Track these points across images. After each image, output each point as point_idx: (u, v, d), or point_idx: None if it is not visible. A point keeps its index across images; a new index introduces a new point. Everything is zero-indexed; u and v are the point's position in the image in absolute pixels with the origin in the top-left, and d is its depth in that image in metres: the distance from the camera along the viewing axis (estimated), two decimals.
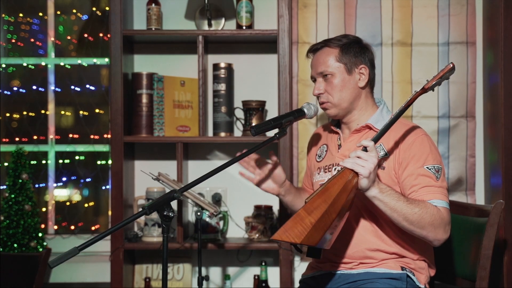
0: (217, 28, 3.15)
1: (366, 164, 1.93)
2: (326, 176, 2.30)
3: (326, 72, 2.25)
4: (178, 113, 3.04)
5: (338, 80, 2.24)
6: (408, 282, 2.15)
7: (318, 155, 2.41)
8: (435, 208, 2.05)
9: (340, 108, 2.26)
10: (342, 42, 2.27)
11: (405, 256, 2.20)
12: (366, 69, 2.26)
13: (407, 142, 2.15)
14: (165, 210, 1.84)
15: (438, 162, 2.14)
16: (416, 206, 2.01)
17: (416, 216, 2.00)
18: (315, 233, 1.89)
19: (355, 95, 2.26)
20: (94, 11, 3.37)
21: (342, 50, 2.25)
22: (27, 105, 3.40)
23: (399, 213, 2.00)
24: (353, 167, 1.94)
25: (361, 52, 2.28)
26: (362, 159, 1.93)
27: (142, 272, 3.14)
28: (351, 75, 2.25)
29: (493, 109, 2.94)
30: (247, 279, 3.18)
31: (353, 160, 1.95)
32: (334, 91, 2.24)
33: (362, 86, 2.26)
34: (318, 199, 1.93)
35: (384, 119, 2.25)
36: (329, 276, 2.25)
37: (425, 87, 2.05)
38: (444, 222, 2.06)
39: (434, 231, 2.04)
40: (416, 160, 2.11)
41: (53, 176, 3.36)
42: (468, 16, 3.07)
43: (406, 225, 2.02)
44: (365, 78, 2.26)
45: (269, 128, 2.21)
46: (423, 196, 2.08)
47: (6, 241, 3.01)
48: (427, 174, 2.10)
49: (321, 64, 2.26)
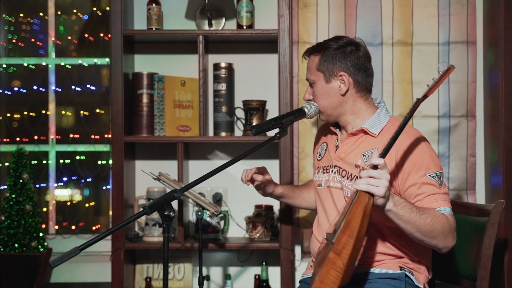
0: (218, 28, 3.15)
1: (380, 183, 1.86)
2: (324, 177, 2.29)
3: (309, 80, 2.28)
4: (179, 113, 3.04)
5: (318, 88, 2.24)
6: (407, 282, 2.15)
7: (318, 153, 2.41)
8: (444, 216, 2.03)
9: (326, 115, 2.26)
10: (326, 49, 2.23)
11: (404, 257, 2.20)
12: (346, 76, 2.20)
13: (405, 150, 2.11)
14: (165, 210, 1.84)
15: (439, 167, 2.12)
16: (428, 216, 1.99)
17: (429, 227, 1.98)
18: (348, 271, 1.84)
19: (338, 102, 2.22)
20: (95, 11, 3.37)
21: (321, 58, 2.22)
22: (28, 105, 3.40)
23: (412, 225, 1.97)
24: (368, 189, 1.86)
25: (342, 59, 2.21)
26: (375, 179, 1.86)
27: (143, 272, 3.14)
28: (330, 83, 2.21)
29: (493, 109, 2.94)
30: (248, 279, 3.18)
31: (366, 181, 1.87)
32: (317, 98, 2.25)
33: (343, 94, 2.22)
34: (343, 236, 1.83)
35: (381, 122, 2.21)
36: None
37: (428, 94, 1.98)
38: (452, 229, 2.05)
39: (445, 240, 2.04)
40: (418, 169, 2.09)
41: (54, 176, 3.36)
42: (469, 15, 3.07)
43: (418, 236, 2.00)
44: (345, 85, 2.20)
45: (269, 128, 2.21)
46: (429, 204, 2.06)
47: (7, 241, 3.01)
48: (431, 182, 2.08)
49: (308, 70, 2.30)
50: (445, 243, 2.05)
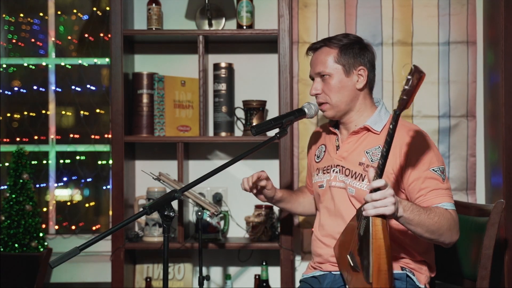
0: (218, 28, 3.15)
1: (387, 202, 1.83)
2: (325, 177, 2.29)
3: (324, 72, 2.23)
4: (179, 113, 3.04)
5: (335, 81, 2.22)
6: (408, 282, 2.15)
7: (316, 155, 2.40)
8: (448, 212, 2.04)
9: (337, 110, 2.24)
10: (342, 42, 2.24)
11: (405, 257, 2.20)
12: (364, 70, 2.23)
13: (408, 145, 2.12)
14: (165, 210, 1.84)
15: (441, 162, 2.13)
16: (435, 215, 1.99)
17: (437, 225, 1.99)
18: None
19: (353, 96, 2.23)
20: (95, 11, 3.37)
21: (341, 51, 2.22)
22: (28, 105, 3.40)
23: (422, 227, 1.96)
24: (378, 212, 1.84)
25: (361, 53, 2.24)
26: (381, 200, 1.83)
27: (143, 272, 3.14)
28: (349, 76, 2.22)
29: (493, 109, 2.94)
30: (248, 279, 3.18)
31: (373, 206, 1.84)
32: (332, 92, 2.22)
33: (360, 88, 2.23)
34: (379, 274, 1.83)
35: (382, 120, 2.23)
36: (330, 276, 2.25)
37: (407, 106, 1.83)
38: (456, 224, 2.07)
39: (451, 236, 2.05)
40: (421, 163, 2.09)
41: (54, 176, 3.36)
42: (469, 15, 3.07)
43: (427, 236, 2.00)
44: (363, 80, 2.23)
45: (269, 128, 2.21)
46: (432, 200, 2.07)
47: (7, 241, 3.01)
48: (434, 176, 2.09)
49: (320, 64, 2.24)
50: (451, 239, 2.06)
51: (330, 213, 2.27)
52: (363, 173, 2.16)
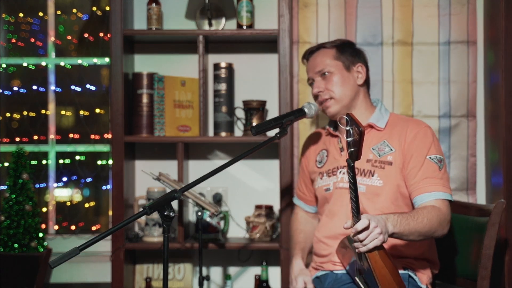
0: (218, 28, 3.15)
1: (374, 236, 1.84)
2: (331, 180, 2.31)
3: (324, 70, 2.28)
4: (179, 113, 3.04)
5: (337, 77, 2.28)
6: (410, 282, 2.16)
7: (318, 161, 2.41)
8: (435, 208, 2.06)
9: (342, 105, 2.27)
10: (337, 43, 2.34)
11: (407, 257, 2.20)
12: (363, 67, 2.31)
13: (410, 135, 2.18)
14: (165, 210, 1.83)
15: (440, 153, 2.17)
16: (424, 216, 2.00)
17: (428, 226, 2.01)
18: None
19: (355, 92, 2.29)
20: (95, 11, 3.37)
21: (338, 50, 2.31)
22: (28, 105, 3.39)
23: (414, 233, 1.99)
24: (369, 248, 1.85)
25: (356, 52, 2.34)
26: (368, 237, 1.84)
27: (143, 272, 3.14)
28: (350, 72, 2.29)
29: (494, 109, 2.94)
30: (248, 279, 3.18)
31: (363, 244, 1.85)
32: (335, 87, 2.27)
33: (361, 84, 2.29)
34: None
35: (384, 117, 2.27)
36: (331, 276, 2.25)
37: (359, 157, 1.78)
38: (446, 216, 2.09)
39: (442, 229, 2.08)
40: (420, 151, 2.14)
41: (54, 176, 3.36)
42: (469, 15, 3.07)
43: (421, 238, 2.04)
44: (362, 76, 2.30)
45: (269, 128, 2.22)
46: (425, 187, 2.10)
47: (7, 241, 3.00)
48: (430, 164, 2.12)
49: (319, 63, 2.30)
50: (443, 231, 2.09)
51: (336, 215, 2.27)
52: (372, 168, 2.19)
